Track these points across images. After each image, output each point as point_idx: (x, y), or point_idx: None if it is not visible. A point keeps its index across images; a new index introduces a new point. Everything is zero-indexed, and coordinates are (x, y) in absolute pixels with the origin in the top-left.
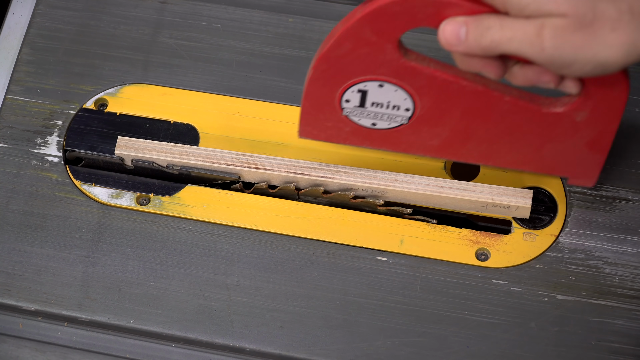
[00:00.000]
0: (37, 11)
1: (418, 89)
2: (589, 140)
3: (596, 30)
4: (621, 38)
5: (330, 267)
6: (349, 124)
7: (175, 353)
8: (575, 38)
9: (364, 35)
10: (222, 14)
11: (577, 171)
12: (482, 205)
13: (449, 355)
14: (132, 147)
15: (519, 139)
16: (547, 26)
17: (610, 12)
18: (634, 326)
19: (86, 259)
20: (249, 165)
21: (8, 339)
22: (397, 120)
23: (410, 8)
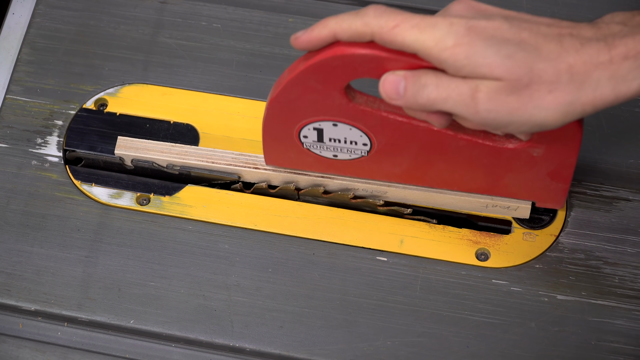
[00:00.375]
0: (37, 11)
1: (371, 128)
2: (549, 171)
3: (532, 92)
4: (558, 100)
5: (330, 267)
6: (311, 154)
7: (175, 353)
8: (510, 101)
9: (310, 83)
10: (222, 14)
11: (542, 197)
12: (482, 205)
13: (449, 355)
14: (132, 147)
15: (479, 169)
16: (481, 89)
17: (547, 73)
18: (634, 326)
19: (86, 259)
20: (249, 165)
21: (8, 339)
22: (357, 153)
23: (351, 62)
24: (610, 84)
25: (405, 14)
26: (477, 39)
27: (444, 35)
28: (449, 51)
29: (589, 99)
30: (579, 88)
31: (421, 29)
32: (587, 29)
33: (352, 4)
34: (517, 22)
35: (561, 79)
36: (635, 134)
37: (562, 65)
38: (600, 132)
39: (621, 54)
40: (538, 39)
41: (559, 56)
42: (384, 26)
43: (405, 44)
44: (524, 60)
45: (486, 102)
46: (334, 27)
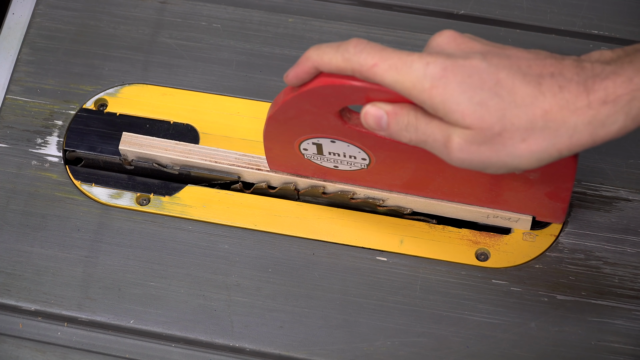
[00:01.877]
0: (37, 11)
1: (369, 147)
2: (547, 192)
3: (505, 141)
4: (532, 147)
5: (330, 267)
6: (312, 164)
7: (175, 353)
8: (482, 151)
9: (304, 107)
10: (222, 14)
11: (542, 213)
12: (483, 215)
13: (449, 355)
14: (136, 143)
15: (477, 187)
16: (453, 139)
17: (520, 120)
18: (634, 326)
19: (86, 259)
20: (251, 166)
21: (8, 339)
22: (357, 166)
23: (341, 91)
24: (587, 129)
25: (383, 51)
26: (452, 81)
27: (421, 78)
28: (426, 93)
29: (565, 145)
30: (554, 134)
31: (398, 70)
32: (570, 68)
33: (351, 4)
34: (496, 59)
35: (535, 125)
36: (635, 134)
37: (537, 111)
38: None
39: (600, 98)
40: (515, 80)
41: (535, 101)
42: (363, 64)
43: (384, 84)
44: (497, 108)
45: (458, 152)
46: (316, 60)
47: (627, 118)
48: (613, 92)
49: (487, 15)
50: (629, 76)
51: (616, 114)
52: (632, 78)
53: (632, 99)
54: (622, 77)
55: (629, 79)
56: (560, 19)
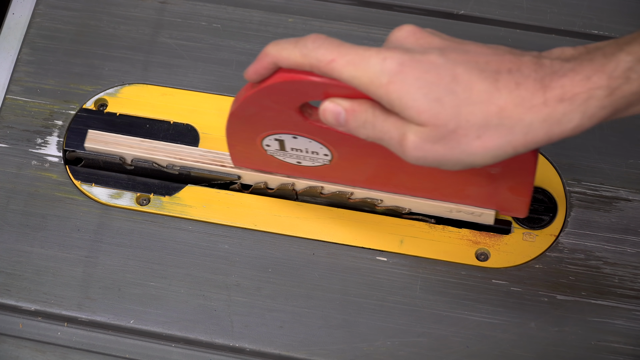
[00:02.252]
0: (37, 11)
1: (330, 142)
2: (509, 187)
3: (459, 138)
4: (486, 144)
5: (330, 267)
6: (276, 160)
7: (175, 353)
8: (437, 149)
9: (265, 103)
10: (222, 14)
11: (504, 207)
12: (446, 210)
13: (449, 355)
14: (102, 140)
15: (440, 181)
16: (408, 137)
17: (475, 117)
18: (634, 326)
19: (86, 259)
20: (215, 163)
21: (8, 339)
22: (319, 162)
23: (300, 87)
24: (543, 127)
25: (342, 46)
26: (409, 76)
27: (378, 73)
28: (384, 89)
29: (520, 142)
30: (509, 132)
31: (356, 66)
32: (529, 65)
33: (351, 4)
34: (454, 54)
35: (490, 122)
36: (635, 134)
37: (492, 108)
38: (600, 132)
39: (556, 96)
40: (472, 76)
41: (491, 97)
42: (321, 59)
43: (342, 79)
44: (452, 104)
45: (413, 150)
46: (275, 56)
47: (583, 116)
48: (570, 90)
49: (487, 15)
50: (587, 74)
51: (572, 112)
52: (590, 76)
53: (589, 98)
54: (580, 75)
55: (587, 77)
56: (560, 19)
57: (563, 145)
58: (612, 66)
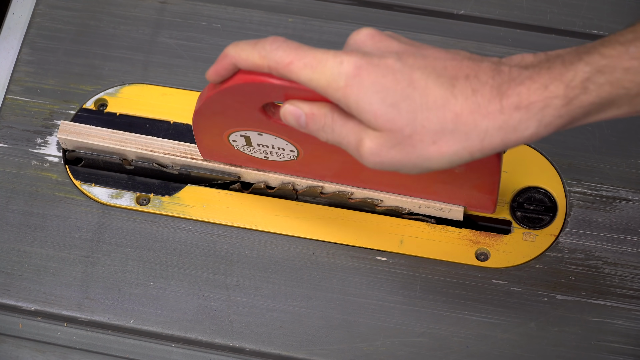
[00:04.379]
0: (37, 11)
1: (295, 139)
2: (474, 185)
3: (415, 143)
4: (442, 150)
5: (330, 267)
6: (243, 154)
7: (175, 353)
8: (393, 154)
9: (228, 102)
10: (222, 14)
11: (472, 203)
12: (415, 205)
13: (449, 355)
14: (74, 131)
15: (405, 178)
16: (365, 143)
17: (431, 123)
18: (634, 326)
19: (86, 259)
20: (186, 155)
21: (8, 339)
22: (286, 157)
23: (260, 89)
24: (499, 134)
25: (300, 49)
26: (366, 80)
27: (335, 76)
28: (341, 92)
29: (477, 148)
30: (464, 138)
31: (313, 69)
32: (487, 71)
33: (352, 4)
34: (411, 59)
35: (446, 128)
36: (635, 134)
37: (447, 114)
38: (600, 132)
39: (513, 104)
40: (429, 82)
41: (446, 103)
42: (279, 62)
43: (300, 82)
44: (408, 110)
45: (369, 155)
46: (234, 57)
47: (539, 125)
48: (526, 98)
49: (487, 15)
50: (544, 83)
51: (528, 120)
52: (547, 85)
53: (545, 107)
54: (537, 83)
55: (544, 86)
56: (560, 19)
57: (563, 145)
58: (570, 75)
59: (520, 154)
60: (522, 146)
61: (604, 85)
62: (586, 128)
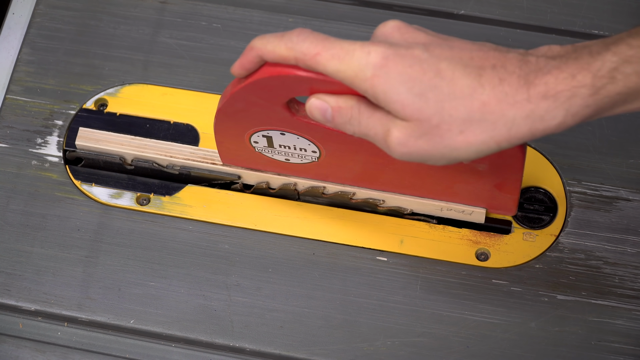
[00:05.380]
0: (37, 11)
1: (318, 138)
2: (496, 184)
3: (443, 133)
4: (469, 139)
5: (330, 267)
6: (264, 157)
7: (175, 353)
8: (420, 144)
9: (251, 99)
10: (222, 14)
11: (493, 205)
12: (436, 208)
13: (449, 355)
14: (93, 138)
15: (427, 178)
16: (392, 133)
17: (458, 112)
18: (634, 326)
19: (86, 259)
20: (206, 161)
21: (8, 339)
22: (307, 159)
23: (286, 82)
24: (526, 123)
25: (326, 41)
26: (393, 70)
27: (362, 67)
28: (368, 82)
29: (504, 137)
30: (492, 127)
31: (341, 59)
32: (514, 62)
33: (352, 4)
34: (438, 50)
35: (473, 117)
36: (635, 134)
37: (475, 103)
38: (600, 132)
39: (540, 93)
40: (456, 72)
41: (474, 92)
42: (306, 53)
43: (327, 73)
44: (435, 99)
45: (397, 146)
46: (260, 49)
47: (566, 114)
48: (554, 87)
49: (487, 15)
50: (571, 72)
51: (556, 110)
52: (574, 75)
53: (572, 96)
54: (565, 73)
55: (572, 75)
56: (560, 19)
57: (563, 145)
58: (597, 65)
59: None
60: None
61: (631, 75)
62: (586, 128)
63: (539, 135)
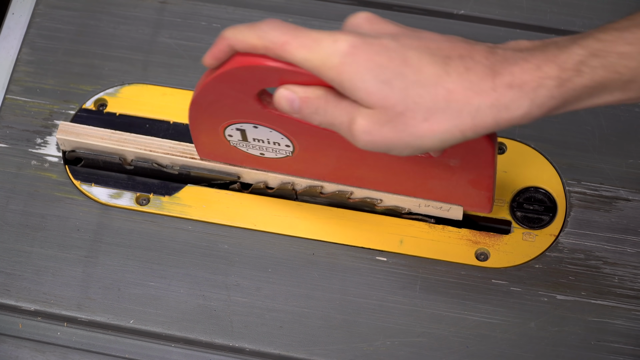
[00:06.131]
0: (37, 11)
1: (290, 132)
2: (469, 180)
3: (407, 120)
4: (434, 127)
5: (330, 267)
6: (240, 152)
7: (174, 353)
8: (385, 132)
9: (223, 90)
10: (222, 14)
11: (468, 202)
12: (415, 204)
13: (449, 355)
14: (73, 132)
15: (401, 174)
16: (357, 121)
17: (423, 100)
18: (633, 326)
19: (86, 259)
20: (185, 155)
21: (8, 339)
22: (282, 153)
23: (256, 73)
24: (491, 111)
25: (295, 30)
26: (360, 58)
27: (330, 55)
28: (335, 70)
29: (468, 126)
30: (456, 115)
31: (309, 48)
32: (481, 53)
33: (352, 4)
34: (407, 40)
35: (438, 105)
36: (635, 134)
37: (440, 91)
38: (600, 132)
39: (506, 82)
40: (422, 60)
41: (439, 80)
42: (275, 42)
43: (296, 62)
44: (401, 87)
45: (361, 134)
46: (231, 39)
47: (532, 104)
48: (519, 77)
49: (487, 15)
50: (537, 64)
51: (521, 99)
52: (540, 66)
53: (538, 86)
54: (531, 64)
55: (537, 67)
56: (560, 19)
57: (563, 145)
58: (563, 58)
59: (520, 154)
60: (522, 146)
61: (598, 69)
62: (586, 128)
63: (504, 125)
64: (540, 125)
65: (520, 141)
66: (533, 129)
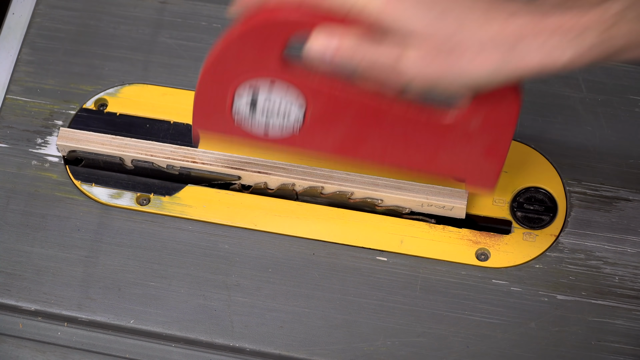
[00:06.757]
0: (37, 11)
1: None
2: (483, 148)
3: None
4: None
5: (330, 267)
6: (241, 132)
7: (175, 353)
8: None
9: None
10: (222, 14)
11: (474, 176)
12: (417, 204)
13: (449, 355)
14: (73, 138)
15: (412, 144)
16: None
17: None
18: (634, 326)
19: (86, 259)
20: (187, 159)
21: (8, 339)
22: (288, 128)
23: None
24: (538, 53)
25: None
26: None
27: None
28: (381, 7)
29: (515, 65)
30: (506, 54)
31: None
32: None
33: None
34: None
35: (491, 41)
36: (635, 134)
37: (493, 27)
38: (600, 132)
39: (551, 26)
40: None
41: (490, 19)
42: None
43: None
44: (453, 22)
45: (412, 66)
46: None
47: (575, 52)
48: (565, 22)
49: None
50: (580, 12)
51: (567, 44)
52: (583, 14)
53: (581, 34)
54: (574, 11)
55: (582, 15)
56: None
57: (563, 145)
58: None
59: (521, 154)
60: (522, 146)
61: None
62: (586, 128)
63: (547, 71)
64: (540, 125)
65: (520, 141)
66: (533, 129)
